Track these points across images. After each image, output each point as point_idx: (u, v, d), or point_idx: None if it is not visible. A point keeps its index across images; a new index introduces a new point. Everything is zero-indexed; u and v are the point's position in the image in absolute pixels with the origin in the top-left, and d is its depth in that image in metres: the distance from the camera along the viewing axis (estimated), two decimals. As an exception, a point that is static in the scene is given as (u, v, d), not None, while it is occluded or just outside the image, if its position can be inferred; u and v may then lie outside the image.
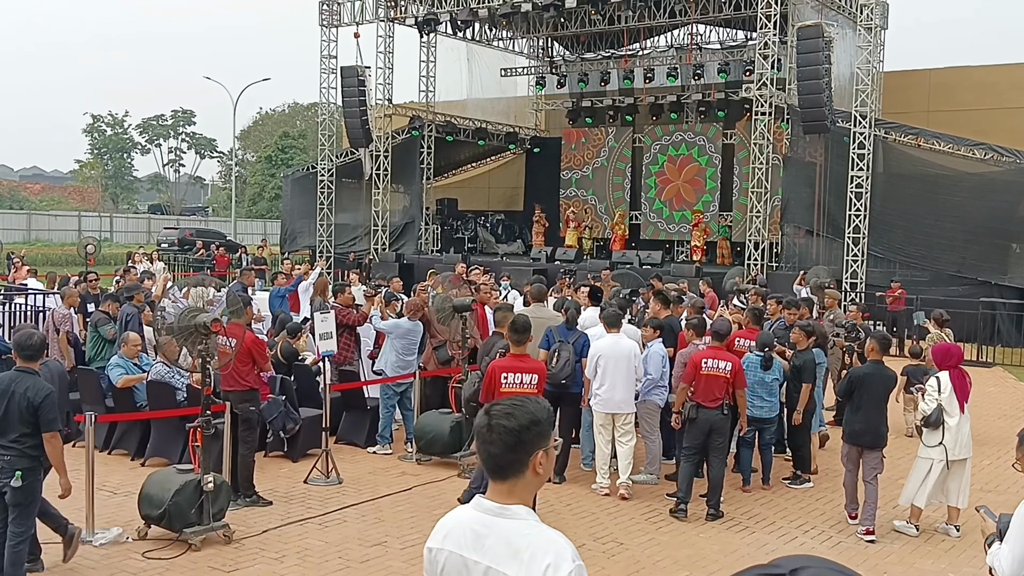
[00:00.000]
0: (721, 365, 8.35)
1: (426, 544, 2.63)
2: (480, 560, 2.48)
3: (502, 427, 2.49)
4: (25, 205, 61.70)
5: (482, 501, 2.54)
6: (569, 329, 9.53)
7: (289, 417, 9.90)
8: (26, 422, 5.97)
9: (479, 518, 2.52)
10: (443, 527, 2.60)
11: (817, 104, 21.61)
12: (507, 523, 2.47)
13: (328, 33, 30.10)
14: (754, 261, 23.39)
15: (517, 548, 2.43)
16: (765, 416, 9.24)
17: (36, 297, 15.35)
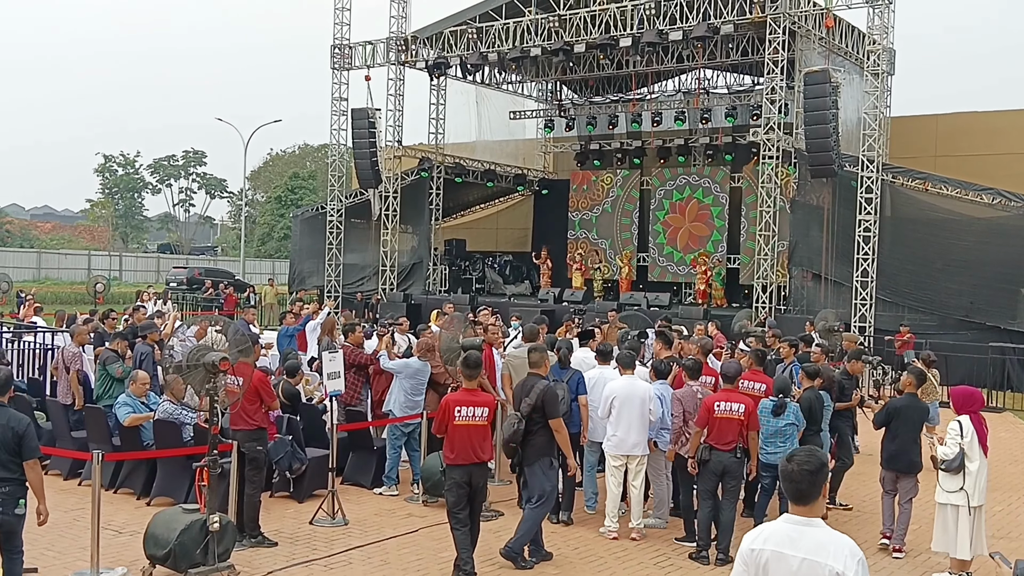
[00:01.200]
0: (734, 407, 8.35)
1: (746, 547, 3.74)
2: (796, 554, 3.61)
3: (804, 471, 3.67)
4: (36, 244, 62.10)
5: (791, 516, 3.69)
6: (562, 368, 9.57)
7: (296, 457, 9.87)
8: (12, 451, 6.28)
9: (791, 528, 3.68)
10: (761, 534, 3.74)
11: (824, 148, 21.73)
12: (813, 530, 3.64)
13: (340, 76, 30.45)
14: (762, 304, 23.37)
15: (823, 544, 3.60)
16: (774, 463, 8.97)
17: (45, 335, 15.42)
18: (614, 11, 25.33)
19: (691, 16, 24.14)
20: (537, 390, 7.95)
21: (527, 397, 7.95)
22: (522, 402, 7.95)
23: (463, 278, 32.41)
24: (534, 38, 26.57)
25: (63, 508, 9.36)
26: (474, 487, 7.50)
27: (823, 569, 3.54)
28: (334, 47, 30.31)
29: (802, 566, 3.58)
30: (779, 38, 23.07)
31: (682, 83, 32.14)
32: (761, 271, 23.68)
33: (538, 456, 7.98)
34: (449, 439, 7.52)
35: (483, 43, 27.60)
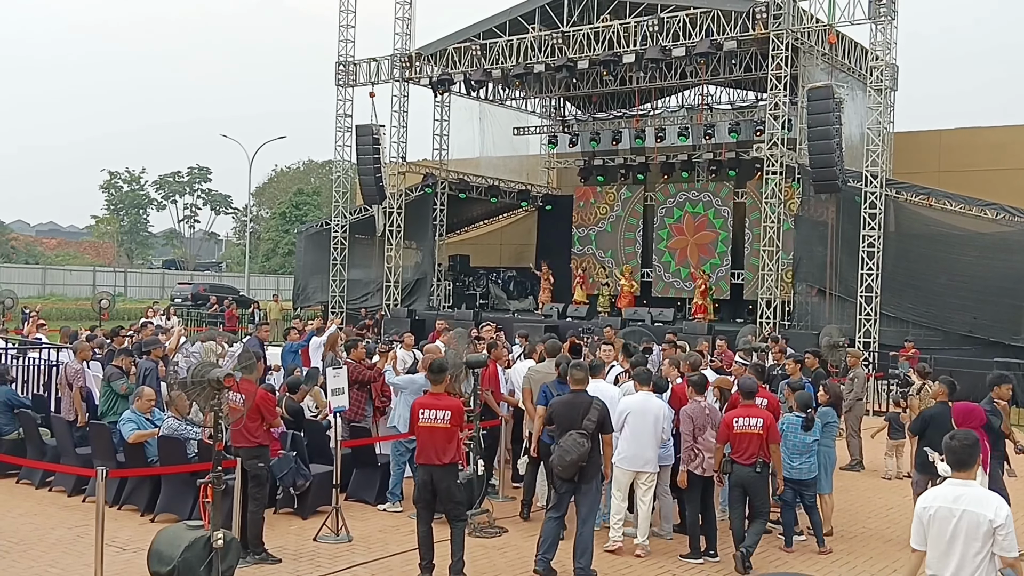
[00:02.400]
0: (753, 422, 8.53)
1: (920, 507, 5.02)
2: (959, 507, 4.84)
3: (965, 445, 4.99)
4: (41, 260, 62.22)
5: (953, 480, 4.98)
6: (562, 383, 9.55)
7: (299, 473, 9.86)
8: None
9: (954, 490, 4.93)
10: (930, 495, 5.05)
11: (828, 164, 21.75)
12: (971, 489, 4.91)
13: (344, 93, 30.59)
14: (766, 319, 23.35)
15: (982, 499, 4.87)
16: (805, 478, 9.19)
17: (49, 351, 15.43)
18: (617, 28, 25.43)
19: (694, 32, 24.22)
20: (596, 407, 8.05)
21: (587, 415, 7.95)
22: (582, 421, 7.93)
23: (467, 294, 32.43)
24: (538, 55, 26.68)
25: (67, 525, 9.38)
26: (436, 487, 7.85)
27: (979, 518, 4.79)
28: (339, 64, 30.46)
29: (963, 516, 4.81)
30: (782, 54, 23.14)
31: (685, 99, 32.22)
32: (765, 286, 23.67)
33: (596, 473, 8.12)
34: (417, 440, 8.06)
35: (487, 60, 27.72)
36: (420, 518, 8.03)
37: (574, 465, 7.91)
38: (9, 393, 11.85)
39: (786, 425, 9.10)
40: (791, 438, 9.06)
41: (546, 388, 9.70)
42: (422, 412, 7.97)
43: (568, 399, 8.32)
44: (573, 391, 8.31)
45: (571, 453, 7.87)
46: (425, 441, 7.93)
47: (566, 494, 8.14)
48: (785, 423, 9.13)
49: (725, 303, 28.91)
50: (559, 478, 8.11)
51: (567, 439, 7.93)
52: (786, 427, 9.08)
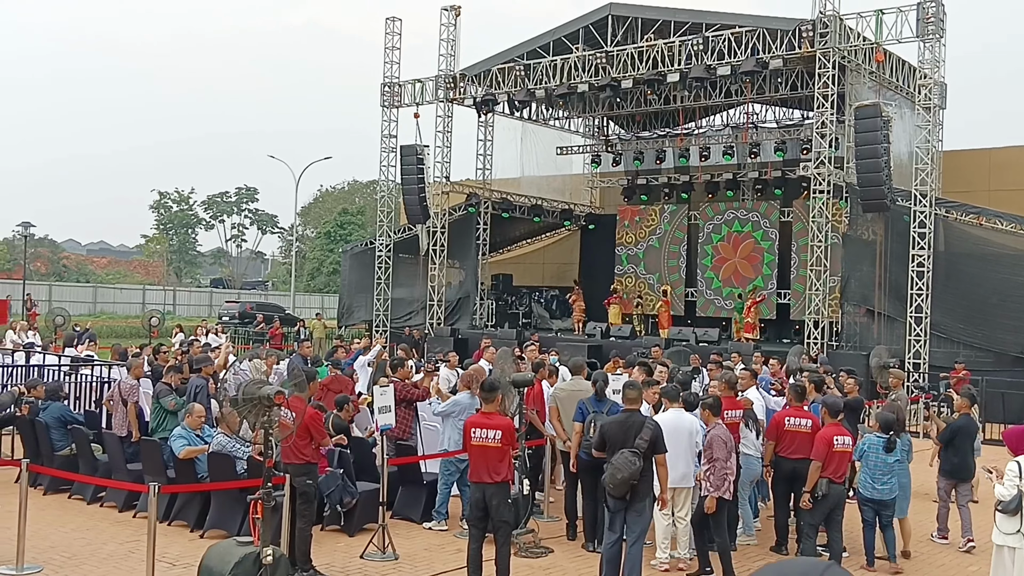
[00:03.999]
0: (847, 441, 8.88)
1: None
2: None
3: None
4: (92, 278, 63.35)
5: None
6: (599, 400, 9.90)
7: (346, 491, 9.91)
8: None
9: None
10: None
11: (876, 183, 21.53)
12: None
13: (389, 113, 30.89)
14: (813, 340, 23.08)
15: None
16: (886, 498, 9.20)
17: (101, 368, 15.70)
18: (661, 47, 25.43)
19: (739, 51, 24.15)
20: (648, 427, 8.02)
21: (640, 434, 7.92)
22: (634, 439, 7.90)
23: (510, 313, 32.46)
24: (581, 74, 26.75)
25: (118, 540, 9.50)
26: (488, 505, 7.91)
27: None
28: (384, 85, 30.77)
29: None
30: (829, 72, 22.96)
31: (730, 117, 32.11)
32: (812, 307, 23.41)
33: (647, 492, 8.07)
34: (470, 459, 8.18)
35: (531, 80, 27.85)
36: (472, 536, 8.10)
37: (625, 483, 7.85)
38: (62, 409, 12.06)
39: (868, 446, 9.17)
40: (873, 458, 9.13)
41: (583, 404, 9.84)
42: (474, 431, 8.05)
43: (620, 418, 8.29)
44: (626, 410, 8.29)
45: (622, 471, 7.81)
46: (477, 459, 8.02)
47: (618, 513, 8.08)
48: (867, 444, 9.20)
49: (771, 323, 28.62)
50: (610, 496, 8.05)
51: (619, 457, 7.87)
52: (868, 448, 9.15)
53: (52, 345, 20.28)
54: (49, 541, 9.30)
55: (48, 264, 62.60)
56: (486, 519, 8.01)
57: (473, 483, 8.09)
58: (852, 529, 10.39)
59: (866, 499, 9.09)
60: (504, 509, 8.00)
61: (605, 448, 8.15)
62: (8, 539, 8.28)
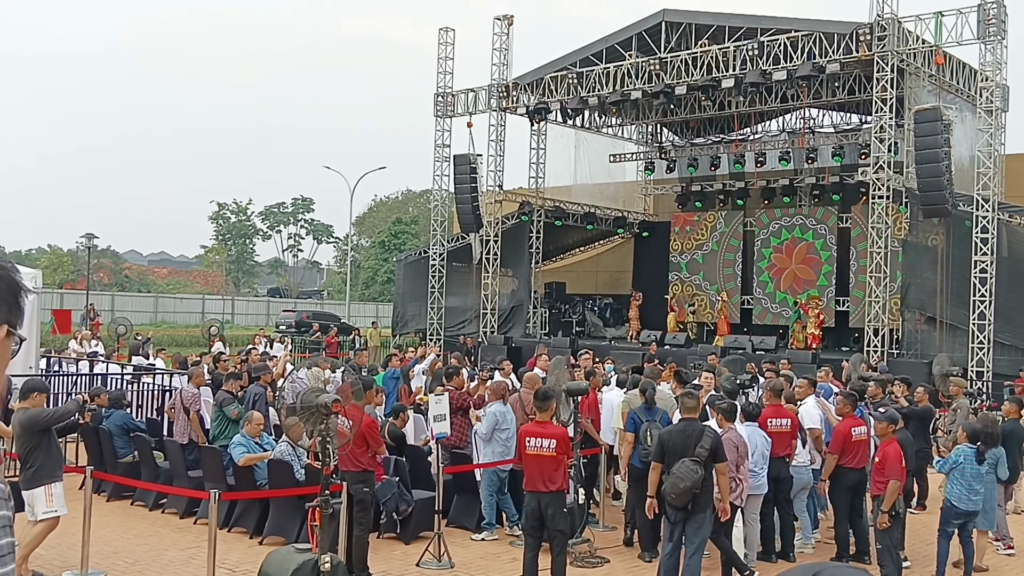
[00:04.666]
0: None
1: None
2: None
3: None
4: (152, 288, 64.63)
5: None
6: (649, 408, 10.01)
7: (402, 499, 9.96)
8: None
9: None
10: None
11: (937, 187, 21.12)
12: None
13: (442, 123, 31.08)
14: (873, 348, 22.67)
15: None
16: (976, 509, 9.06)
17: (163, 377, 15.99)
18: (716, 52, 25.24)
19: (795, 56, 23.87)
20: (708, 435, 7.97)
21: (700, 443, 7.87)
22: (695, 448, 7.85)
23: (563, 321, 32.39)
24: (635, 81, 26.64)
25: (180, 546, 9.64)
26: (544, 513, 7.91)
27: None
28: (437, 95, 30.97)
29: None
30: (887, 76, 22.59)
31: (786, 123, 31.73)
32: (872, 314, 23.00)
33: (708, 502, 8.00)
34: (525, 468, 8.15)
35: (583, 87, 27.82)
36: (527, 545, 8.10)
37: (688, 492, 7.78)
38: (125, 417, 12.30)
39: (963, 457, 9.01)
40: (969, 469, 8.96)
41: (634, 414, 9.92)
42: (528, 440, 8.04)
43: (679, 427, 8.26)
44: (684, 419, 8.26)
45: (685, 480, 7.75)
46: (532, 468, 8.00)
47: (678, 524, 8.01)
48: (961, 455, 9.03)
49: (829, 331, 28.17)
50: (671, 506, 7.97)
51: (680, 466, 7.80)
52: (963, 459, 8.99)
53: (115, 354, 20.67)
54: (112, 547, 9.48)
55: (111, 275, 63.98)
56: (541, 528, 7.99)
57: (528, 492, 8.07)
58: (914, 539, 10.21)
59: (959, 512, 8.88)
60: (559, 518, 7.98)
61: (664, 458, 8.07)
62: (73, 545, 8.46)
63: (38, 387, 9.00)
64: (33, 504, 8.17)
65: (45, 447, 8.40)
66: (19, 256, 61.24)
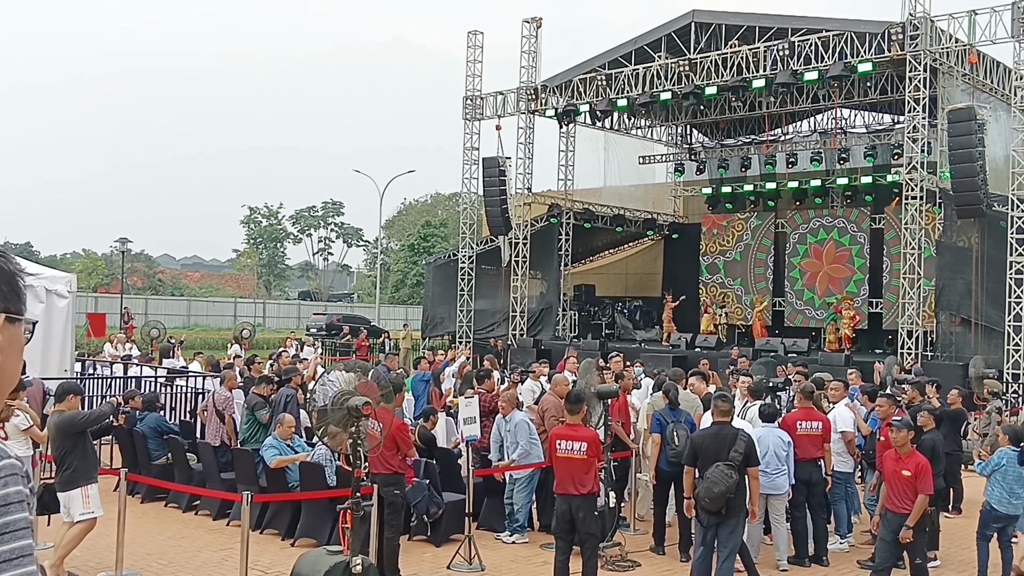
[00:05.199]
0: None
1: None
2: None
3: None
4: (185, 292, 65.20)
5: None
6: (673, 410, 10.14)
7: (433, 501, 9.97)
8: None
9: None
10: None
11: (971, 187, 20.86)
12: None
13: (471, 126, 31.12)
14: (907, 350, 22.41)
15: None
16: (1014, 513, 8.94)
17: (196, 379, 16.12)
18: (746, 53, 25.09)
19: (826, 56, 23.68)
20: (742, 439, 7.98)
21: (734, 447, 7.87)
22: (728, 452, 7.84)
23: (592, 323, 32.32)
24: (664, 83, 26.54)
25: (213, 548, 9.72)
26: (575, 516, 7.87)
27: None
28: (466, 98, 31.02)
29: None
30: (920, 75, 22.34)
31: (818, 123, 31.49)
32: (906, 316, 22.74)
33: (742, 506, 7.99)
34: (555, 471, 8.14)
35: (612, 89, 27.75)
36: (558, 548, 8.10)
37: (722, 497, 7.77)
38: (159, 419, 12.41)
39: (1005, 459, 8.89)
40: (1011, 472, 8.83)
41: (659, 415, 10.03)
42: (559, 443, 8.03)
43: (712, 431, 8.23)
44: (717, 423, 8.22)
45: (719, 484, 7.74)
46: (563, 471, 7.99)
47: (711, 528, 7.99)
48: (1004, 457, 8.92)
49: (862, 333, 27.89)
50: (704, 511, 7.95)
51: (714, 471, 7.78)
52: (1005, 461, 8.87)
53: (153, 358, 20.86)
54: (146, 548, 9.57)
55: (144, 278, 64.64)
56: (572, 531, 7.98)
57: (559, 495, 8.07)
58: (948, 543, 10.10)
59: (999, 515, 8.74)
60: (590, 521, 7.97)
61: (696, 461, 8.05)
62: (107, 546, 8.54)
63: (73, 390, 9.13)
64: (69, 506, 8.26)
65: (81, 449, 8.50)
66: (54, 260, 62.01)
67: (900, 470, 7.85)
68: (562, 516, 8.00)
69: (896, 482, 7.90)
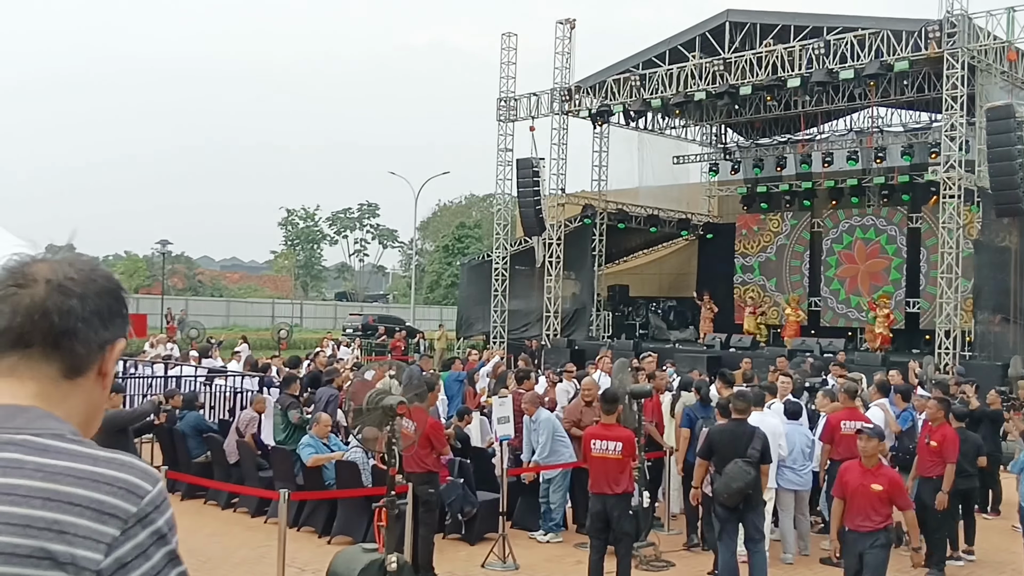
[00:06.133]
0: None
1: None
2: None
3: None
4: (224, 293, 65.94)
5: None
6: (704, 406, 10.34)
7: (467, 500, 10.07)
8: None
9: None
10: None
11: (1010, 186, 20.61)
12: None
13: (505, 128, 31.20)
14: (945, 350, 22.17)
15: None
16: None
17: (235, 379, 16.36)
18: (781, 52, 24.95)
19: (863, 54, 23.48)
20: (759, 436, 8.14)
21: (751, 444, 8.01)
22: (746, 449, 7.99)
23: (626, 324, 32.27)
24: (698, 82, 26.44)
25: (251, 545, 9.88)
26: (609, 516, 7.94)
27: None
28: (500, 100, 31.10)
29: None
30: (958, 73, 22.08)
31: (854, 122, 31.21)
32: (944, 315, 22.50)
33: (760, 501, 8.22)
34: (590, 470, 8.18)
35: (646, 89, 27.69)
36: (593, 547, 8.15)
37: (741, 493, 7.88)
38: (198, 418, 12.61)
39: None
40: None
41: (689, 411, 10.27)
42: (594, 443, 8.09)
43: (730, 427, 8.34)
44: (735, 420, 8.33)
45: (738, 480, 7.84)
46: (598, 471, 8.05)
47: (730, 523, 8.10)
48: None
49: (900, 333, 27.59)
50: (722, 506, 8.05)
51: (732, 467, 7.88)
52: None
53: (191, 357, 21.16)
54: (186, 545, 9.52)
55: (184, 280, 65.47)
56: (607, 531, 8.05)
57: (593, 494, 8.13)
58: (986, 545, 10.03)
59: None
60: (625, 521, 8.03)
61: (711, 456, 8.24)
62: (149, 542, 8.70)
63: (115, 388, 9.33)
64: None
65: (122, 447, 8.67)
66: (96, 262, 62.98)
67: (869, 484, 7.12)
68: (596, 516, 8.06)
69: (861, 498, 7.14)
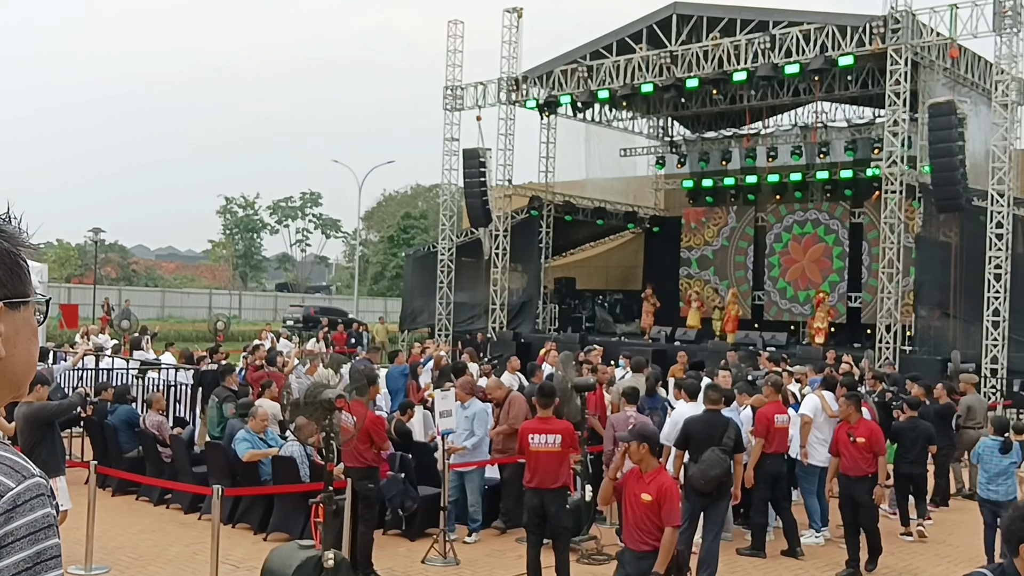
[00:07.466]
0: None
1: None
2: None
3: None
4: (160, 283, 64.61)
5: None
6: (651, 397, 10.66)
7: (408, 495, 9.83)
8: None
9: None
10: None
11: (951, 182, 20.88)
12: None
13: (451, 117, 30.88)
14: (885, 344, 22.45)
15: None
16: (1002, 500, 9.02)
17: (168, 372, 15.89)
18: (727, 46, 25.01)
19: (807, 49, 23.62)
20: (733, 426, 8.47)
21: (726, 434, 8.28)
22: (721, 439, 8.27)
23: (573, 317, 32.22)
24: (645, 74, 26.41)
25: (184, 542, 9.55)
26: (547, 511, 7.88)
27: None
28: (446, 88, 30.77)
29: None
30: (901, 69, 22.34)
31: (798, 117, 31.47)
32: (885, 310, 22.78)
33: (729, 489, 8.50)
34: (527, 464, 8.07)
35: (594, 81, 27.59)
36: (530, 542, 8.04)
37: (716, 480, 8.15)
38: (130, 412, 12.20)
39: (983, 448, 9.26)
40: (989, 461, 9.15)
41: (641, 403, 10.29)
42: (532, 437, 7.95)
43: (705, 417, 8.60)
44: (709, 411, 8.61)
45: (715, 468, 8.12)
46: (536, 466, 7.92)
47: (697, 507, 8.30)
48: (982, 447, 9.29)
49: (841, 327, 27.93)
50: (698, 492, 8.26)
51: (709, 455, 8.14)
52: (983, 450, 9.25)
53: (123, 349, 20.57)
54: (117, 542, 9.39)
55: (118, 269, 63.98)
56: (544, 525, 7.96)
57: (529, 489, 8.00)
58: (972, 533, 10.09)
59: (984, 500, 9.12)
60: (563, 515, 7.94)
61: (688, 445, 8.48)
62: (77, 540, 8.35)
63: (41, 380, 8.90)
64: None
65: (49, 441, 8.33)
66: (28, 250, 61.28)
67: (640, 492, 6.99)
68: (534, 510, 7.94)
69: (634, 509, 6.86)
